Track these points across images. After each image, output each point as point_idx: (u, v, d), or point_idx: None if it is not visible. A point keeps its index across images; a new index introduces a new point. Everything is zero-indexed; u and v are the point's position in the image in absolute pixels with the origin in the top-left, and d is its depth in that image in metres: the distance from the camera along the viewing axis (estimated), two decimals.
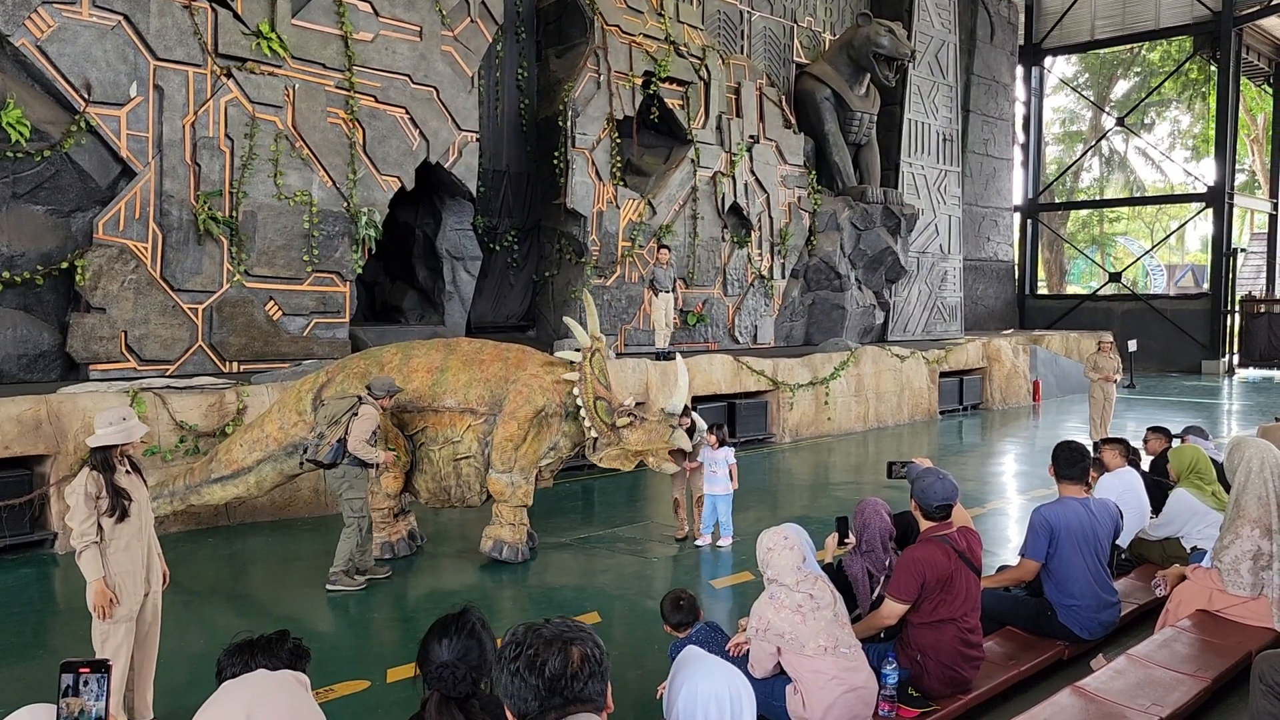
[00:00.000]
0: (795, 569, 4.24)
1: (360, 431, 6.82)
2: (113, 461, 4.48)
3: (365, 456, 6.87)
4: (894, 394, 16.64)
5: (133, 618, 4.54)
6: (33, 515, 7.91)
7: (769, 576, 4.31)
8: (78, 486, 4.41)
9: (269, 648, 2.53)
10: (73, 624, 6.35)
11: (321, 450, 6.91)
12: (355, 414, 6.87)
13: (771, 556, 4.30)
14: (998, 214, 27.46)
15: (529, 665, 2.03)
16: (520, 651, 2.06)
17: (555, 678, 2.02)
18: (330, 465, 6.92)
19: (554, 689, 2.02)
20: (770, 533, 4.40)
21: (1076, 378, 21.29)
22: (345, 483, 6.93)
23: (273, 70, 10.53)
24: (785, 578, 4.23)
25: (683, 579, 7.35)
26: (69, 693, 1.98)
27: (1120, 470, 7.15)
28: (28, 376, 9.38)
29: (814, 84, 18.52)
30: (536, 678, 2.02)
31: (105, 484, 4.41)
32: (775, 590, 4.24)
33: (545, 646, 2.05)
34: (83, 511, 4.37)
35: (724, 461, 8.11)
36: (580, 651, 2.06)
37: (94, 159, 9.55)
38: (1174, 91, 37.73)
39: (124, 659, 4.49)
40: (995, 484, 11.54)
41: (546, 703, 2.02)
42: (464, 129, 12.36)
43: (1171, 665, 4.57)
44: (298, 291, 10.93)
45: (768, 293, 17.05)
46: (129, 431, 4.49)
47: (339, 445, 6.85)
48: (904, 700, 4.39)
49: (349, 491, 6.93)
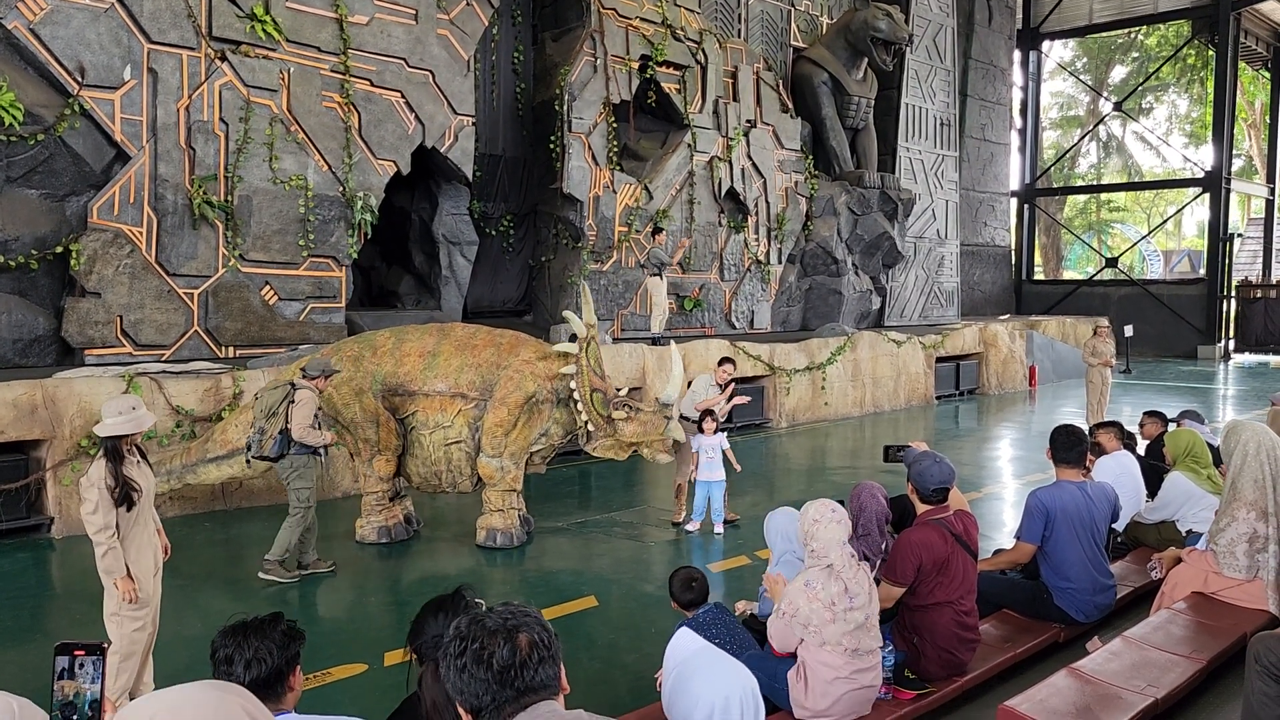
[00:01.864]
0: (841, 544, 4.03)
1: (301, 418, 6.70)
2: (122, 450, 4.45)
3: (311, 441, 6.74)
4: (890, 379, 16.65)
5: (151, 603, 4.56)
6: (29, 499, 7.90)
7: (812, 550, 4.06)
8: (95, 480, 4.36)
9: (262, 629, 2.53)
10: (70, 607, 6.36)
11: (266, 444, 6.78)
12: (293, 401, 6.75)
13: (818, 529, 4.04)
14: (995, 199, 27.44)
15: (476, 659, 1.94)
16: (465, 646, 1.96)
17: (505, 669, 1.92)
18: (278, 458, 6.80)
19: (505, 680, 1.92)
20: (817, 504, 4.13)
21: (1073, 363, 21.32)
22: (294, 473, 6.81)
23: (267, 53, 10.47)
24: (831, 554, 4.00)
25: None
26: (64, 675, 1.93)
27: (1116, 453, 7.17)
28: (23, 361, 9.36)
29: (811, 68, 18.45)
30: (485, 671, 1.93)
31: (116, 474, 4.38)
32: (813, 576, 4.00)
33: (490, 638, 1.95)
34: (105, 505, 4.34)
35: (718, 447, 8.10)
36: (528, 638, 1.96)
37: (88, 142, 9.50)
38: (1172, 76, 37.68)
39: (145, 646, 4.53)
40: (991, 469, 11.56)
41: (499, 695, 1.93)
42: (460, 113, 12.31)
43: (1167, 647, 4.58)
44: (293, 276, 10.89)
45: (764, 278, 17.03)
46: (138, 421, 4.45)
47: (282, 437, 6.73)
48: (900, 682, 4.41)
49: (297, 481, 6.82)
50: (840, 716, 4.03)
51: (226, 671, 2.49)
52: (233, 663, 2.48)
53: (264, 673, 2.47)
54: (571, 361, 7.54)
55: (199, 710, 1.64)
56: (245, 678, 2.46)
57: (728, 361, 8.90)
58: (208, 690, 1.71)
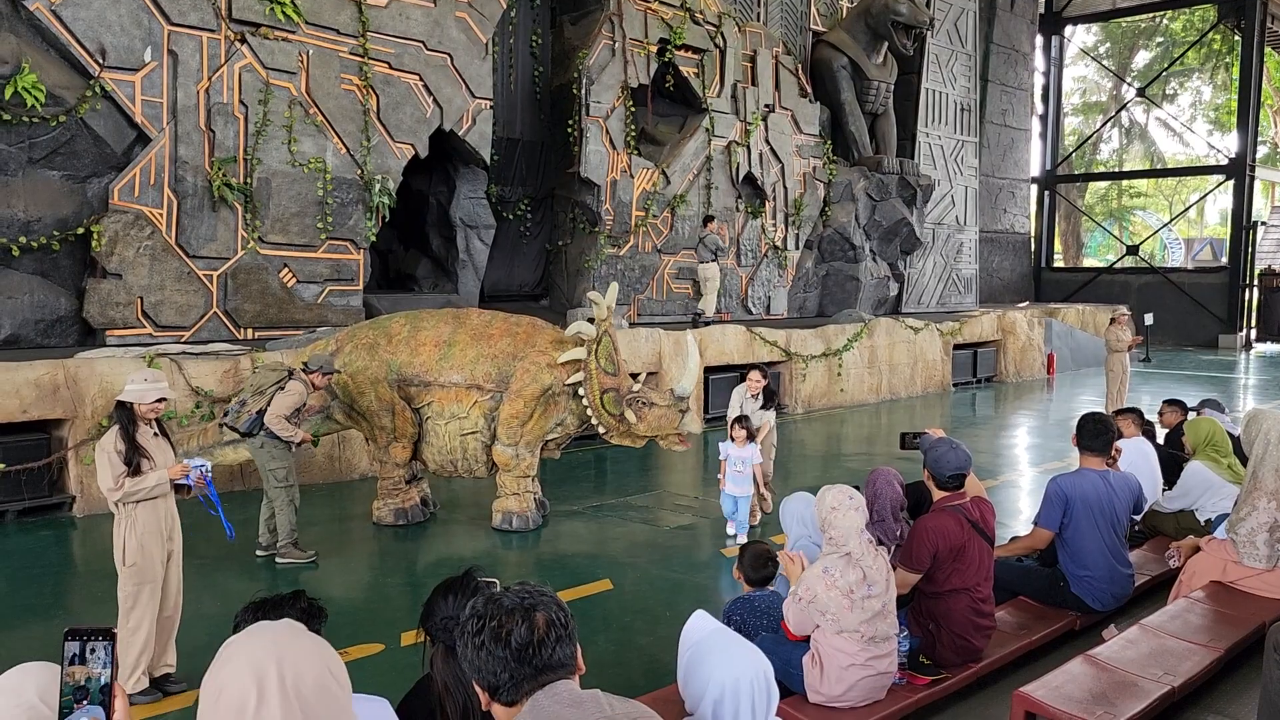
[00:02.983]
0: (859, 532, 4.00)
1: (281, 405, 6.66)
2: (137, 420, 4.61)
3: (280, 432, 6.68)
4: (907, 366, 16.59)
5: (158, 580, 4.62)
6: (51, 478, 7.98)
7: (830, 538, 4.03)
8: (106, 445, 4.52)
9: (282, 606, 2.55)
10: (91, 585, 6.44)
11: (240, 417, 6.74)
12: (282, 387, 6.74)
13: (836, 516, 4.00)
14: (1015, 185, 27.22)
15: (494, 637, 1.96)
16: (483, 624, 1.98)
17: (523, 647, 1.95)
18: (247, 434, 6.77)
19: (523, 659, 1.95)
20: (833, 490, 4.08)
21: (1092, 351, 21.18)
22: (265, 453, 6.79)
23: (286, 36, 10.48)
24: (850, 542, 3.96)
25: (694, 547, 7.38)
26: (75, 660, 1.94)
27: (1134, 440, 7.12)
28: (45, 341, 9.44)
29: (831, 52, 18.32)
30: (504, 649, 1.95)
31: (128, 438, 4.54)
32: (831, 563, 3.97)
33: (508, 616, 1.97)
34: (115, 468, 4.50)
35: (748, 461, 7.38)
36: (545, 617, 1.99)
37: (109, 124, 9.54)
38: (1196, 62, 37.20)
39: (149, 622, 4.58)
40: (1008, 456, 11.51)
41: (517, 673, 1.96)
42: (478, 96, 12.29)
43: (1184, 636, 4.56)
44: (312, 259, 10.93)
45: (781, 264, 16.98)
46: (143, 393, 4.61)
47: (258, 416, 6.70)
48: (915, 668, 4.40)
49: (271, 462, 6.79)
50: (855, 702, 4.03)
51: None
52: None
53: None
54: (578, 369, 7.41)
55: (304, 640, 1.67)
56: None
57: (757, 369, 8.13)
58: (293, 627, 1.74)
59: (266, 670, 1.56)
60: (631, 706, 2.06)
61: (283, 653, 1.59)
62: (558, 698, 1.96)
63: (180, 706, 4.59)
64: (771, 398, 8.15)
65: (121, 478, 4.48)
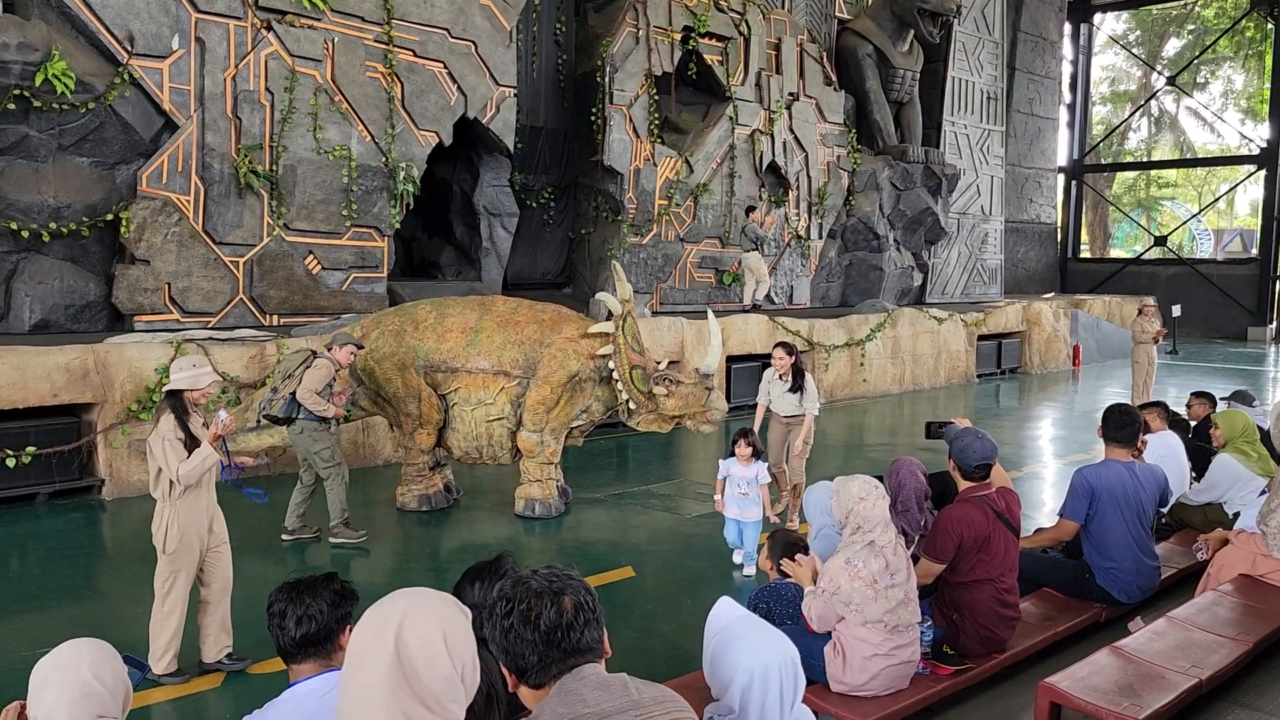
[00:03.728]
0: (885, 520, 4.02)
1: (311, 381, 6.74)
2: (185, 406, 4.69)
3: (312, 407, 6.75)
4: (931, 356, 16.49)
5: (193, 568, 4.69)
6: (81, 462, 8.08)
7: (857, 526, 4.02)
8: (164, 432, 4.57)
9: (315, 588, 2.58)
10: (122, 567, 6.52)
11: (275, 405, 6.86)
12: (309, 367, 6.84)
13: (864, 506, 4.01)
14: (1041, 175, 26.95)
15: (523, 619, 1.98)
16: (512, 607, 2.00)
17: (551, 630, 1.97)
18: (287, 420, 6.87)
19: (551, 641, 1.97)
20: (858, 480, 4.09)
21: (1118, 342, 20.97)
22: (306, 437, 6.88)
23: (312, 23, 10.51)
24: (875, 530, 3.97)
25: (717, 536, 7.37)
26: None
27: (1161, 433, 7.05)
28: (74, 326, 9.55)
29: (856, 40, 18.18)
30: (532, 632, 1.97)
31: (184, 425, 4.62)
32: (854, 554, 3.96)
33: (536, 599, 1.99)
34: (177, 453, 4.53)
35: (754, 481, 6.37)
36: (573, 600, 2.00)
37: (137, 111, 9.62)
38: (1229, 49, 36.59)
39: (181, 607, 4.66)
40: (1032, 448, 11.44)
41: (545, 656, 1.98)
42: (502, 84, 12.30)
43: (1212, 628, 4.52)
44: (336, 246, 10.99)
45: (804, 253, 16.90)
46: (195, 379, 4.69)
47: (291, 398, 6.80)
48: (938, 658, 4.39)
49: (313, 445, 6.87)
50: (878, 691, 4.03)
51: (280, 625, 2.53)
52: (285, 617, 2.53)
53: (314, 630, 2.52)
54: (609, 342, 7.49)
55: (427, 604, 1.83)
56: (296, 634, 2.51)
57: (781, 347, 7.34)
58: (431, 593, 1.89)
59: (387, 625, 1.76)
60: (659, 691, 2.07)
61: (407, 615, 1.77)
62: (585, 681, 1.97)
63: (209, 686, 4.65)
64: (801, 376, 7.24)
65: (182, 464, 4.53)
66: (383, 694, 1.71)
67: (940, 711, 4.27)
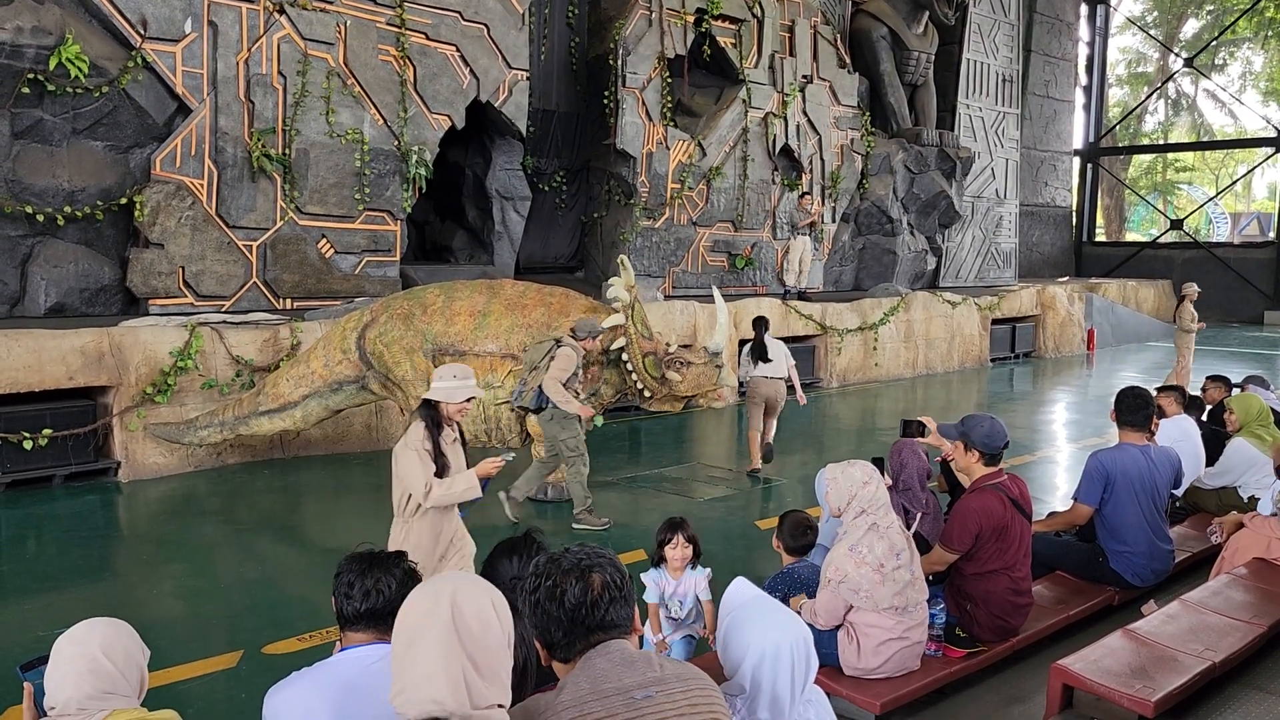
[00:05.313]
0: (887, 503, 4.06)
1: (555, 371, 6.80)
2: (440, 419, 4.30)
3: (554, 397, 6.78)
4: (944, 340, 16.43)
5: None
6: (97, 444, 8.14)
7: (860, 510, 4.02)
8: (414, 442, 4.19)
9: (386, 564, 2.62)
10: (137, 549, 6.57)
11: (526, 396, 6.96)
12: (553, 357, 6.89)
13: (868, 490, 4.03)
14: (1057, 158, 26.74)
15: (549, 596, 2.04)
16: (540, 583, 2.07)
17: (576, 606, 2.02)
18: (537, 409, 6.97)
19: (576, 618, 2.03)
20: (859, 465, 4.14)
21: (1133, 327, 20.85)
22: (555, 424, 6.97)
23: (324, 6, 10.49)
24: (878, 513, 4.01)
25: (729, 519, 7.39)
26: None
27: (1176, 418, 7.02)
28: (89, 310, 9.61)
29: (870, 22, 18.04)
30: (558, 608, 2.03)
31: (434, 440, 4.22)
32: (857, 540, 3.98)
33: (564, 576, 2.05)
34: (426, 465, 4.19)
35: (688, 601, 4.29)
36: (601, 578, 2.06)
37: (151, 95, 9.63)
38: (1248, 30, 36.15)
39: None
40: (1046, 432, 11.40)
41: (571, 632, 2.04)
42: (514, 67, 12.26)
43: (1226, 611, 4.51)
44: (349, 230, 11.01)
45: (817, 237, 16.83)
46: (452, 391, 4.24)
47: (540, 390, 6.89)
48: (951, 641, 4.39)
49: (561, 432, 6.96)
50: (890, 673, 4.03)
51: (346, 594, 2.57)
52: (352, 588, 2.57)
53: (379, 604, 2.55)
54: (620, 334, 7.51)
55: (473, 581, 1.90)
56: (362, 606, 2.55)
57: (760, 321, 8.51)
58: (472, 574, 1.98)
59: (441, 594, 1.82)
60: (682, 667, 2.11)
61: (458, 585, 1.84)
62: (610, 656, 2.02)
63: (223, 666, 4.69)
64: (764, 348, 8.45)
65: (430, 482, 4.16)
66: (440, 656, 1.75)
67: (952, 694, 4.28)
